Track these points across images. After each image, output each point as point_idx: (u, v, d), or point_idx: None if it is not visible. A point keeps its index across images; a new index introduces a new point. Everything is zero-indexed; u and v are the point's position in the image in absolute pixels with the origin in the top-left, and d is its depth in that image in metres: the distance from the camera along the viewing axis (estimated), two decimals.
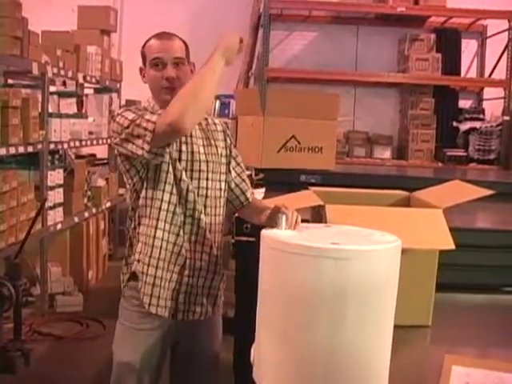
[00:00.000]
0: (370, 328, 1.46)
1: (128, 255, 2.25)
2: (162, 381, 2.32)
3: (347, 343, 1.43)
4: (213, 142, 2.26)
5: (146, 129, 1.99)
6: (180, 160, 2.16)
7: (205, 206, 2.21)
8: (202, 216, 2.19)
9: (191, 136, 2.20)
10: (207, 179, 2.21)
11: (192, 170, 2.18)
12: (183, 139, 2.17)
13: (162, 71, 2.14)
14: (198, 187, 2.19)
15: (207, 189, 2.21)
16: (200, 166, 2.19)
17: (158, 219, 2.15)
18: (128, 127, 2.04)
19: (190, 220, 2.18)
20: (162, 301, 2.18)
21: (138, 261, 2.19)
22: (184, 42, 2.22)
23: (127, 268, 2.25)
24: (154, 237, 2.16)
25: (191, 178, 2.18)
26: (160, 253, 2.16)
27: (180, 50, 2.18)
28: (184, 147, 2.17)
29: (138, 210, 2.19)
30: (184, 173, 2.16)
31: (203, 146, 2.23)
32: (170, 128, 1.95)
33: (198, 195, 2.19)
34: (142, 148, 2.01)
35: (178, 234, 2.17)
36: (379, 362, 1.51)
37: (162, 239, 2.16)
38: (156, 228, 2.16)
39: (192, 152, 2.19)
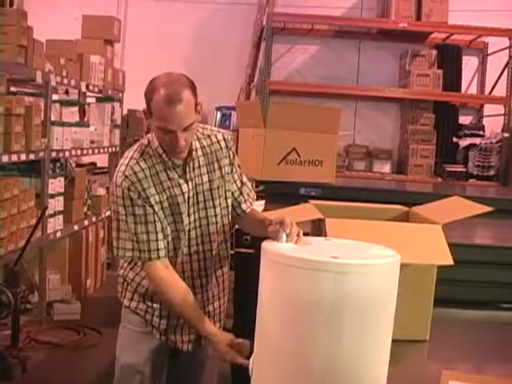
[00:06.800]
0: (367, 342, 1.47)
1: (124, 297, 2.25)
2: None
3: (345, 356, 1.44)
4: (216, 165, 2.19)
5: (137, 254, 2.06)
6: (184, 196, 2.11)
7: (209, 235, 2.20)
8: (206, 246, 2.19)
9: (194, 168, 2.13)
10: (214, 207, 2.18)
11: (198, 202, 2.15)
12: (188, 176, 2.11)
13: (169, 135, 1.98)
14: (207, 216, 2.17)
15: (215, 216, 2.18)
16: (204, 195, 2.16)
17: None
18: (118, 230, 2.08)
19: (188, 256, 2.17)
20: (173, 336, 2.23)
21: (138, 304, 2.21)
22: (192, 89, 1.97)
23: (127, 301, 2.25)
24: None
25: (198, 210, 2.15)
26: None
27: (189, 114, 1.96)
28: (191, 184, 2.13)
29: None
30: (186, 210, 2.12)
31: (207, 172, 2.16)
32: (152, 285, 2.12)
33: (207, 224, 2.17)
34: (117, 248, 2.09)
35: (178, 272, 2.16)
36: (377, 375, 1.52)
37: None
38: None
39: (196, 185, 2.14)
